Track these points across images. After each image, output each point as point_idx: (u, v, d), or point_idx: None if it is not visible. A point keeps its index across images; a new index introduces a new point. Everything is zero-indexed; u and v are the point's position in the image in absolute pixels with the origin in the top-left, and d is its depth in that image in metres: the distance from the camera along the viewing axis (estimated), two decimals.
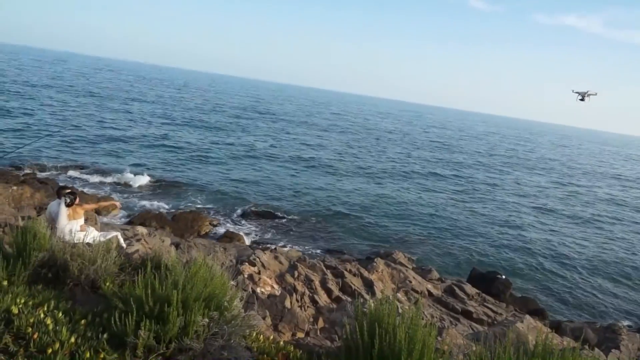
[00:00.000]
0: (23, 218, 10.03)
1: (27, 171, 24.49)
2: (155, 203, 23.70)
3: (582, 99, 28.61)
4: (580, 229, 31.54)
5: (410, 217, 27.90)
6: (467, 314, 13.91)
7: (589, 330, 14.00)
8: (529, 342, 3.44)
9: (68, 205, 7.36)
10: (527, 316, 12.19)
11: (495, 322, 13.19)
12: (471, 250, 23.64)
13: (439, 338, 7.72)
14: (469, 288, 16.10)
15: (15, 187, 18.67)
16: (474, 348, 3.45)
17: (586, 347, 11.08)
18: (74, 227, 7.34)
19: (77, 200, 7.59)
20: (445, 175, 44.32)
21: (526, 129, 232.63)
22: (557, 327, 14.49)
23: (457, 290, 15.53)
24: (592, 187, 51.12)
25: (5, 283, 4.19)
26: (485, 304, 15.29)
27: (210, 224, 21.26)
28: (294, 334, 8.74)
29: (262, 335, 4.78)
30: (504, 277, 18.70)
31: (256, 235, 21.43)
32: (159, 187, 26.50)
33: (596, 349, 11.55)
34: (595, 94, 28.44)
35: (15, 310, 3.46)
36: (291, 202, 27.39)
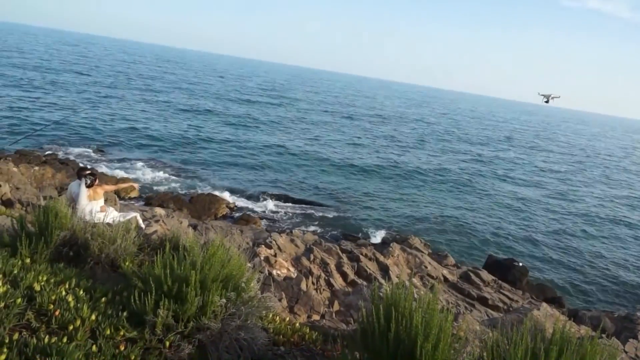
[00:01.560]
0: (45, 198, 10.21)
1: (49, 152, 24.92)
2: (173, 185, 23.97)
3: (546, 101, 31.91)
4: (599, 217, 31.01)
5: (426, 204, 27.74)
6: (483, 300, 13.86)
7: (607, 319, 13.82)
8: (545, 330, 3.40)
9: (88, 186, 7.45)
10: (544, 304, 12.09)
11: (511, 309, 13.11)
12: (487, 237, 23.46)
13: (455, 323, 7.71)
14: (485, 274, 16.01)
15: (37, 168, 19.04)
16: (490, 334, 3.41)
17: (604, 336, 10.97)
18: (94, 207, 7.43)
19: (97, 181, 7.67)
20: (462, 164, 43.87)
21: (558, 117, 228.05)
22: (574, 315, 14.35)
23: (473, 277, 15.46)
24: (611, 176, 50.14)
25: (28, 261, 4.28)
26: (501, 290, 15.20)
27: (226, 206, 21.43)
28: (309, 316, 8.82)
29: (278, 317, 4.83)
30: (520, 264, 18.51)
31: (272, 218, 21.56)
32: (177, 170, 26.76)
33: (614, 338, 11.42)
34: (559, 97, 31.89)
35: (37, 287, 3.53)
36: (307, 188, 27.43)
